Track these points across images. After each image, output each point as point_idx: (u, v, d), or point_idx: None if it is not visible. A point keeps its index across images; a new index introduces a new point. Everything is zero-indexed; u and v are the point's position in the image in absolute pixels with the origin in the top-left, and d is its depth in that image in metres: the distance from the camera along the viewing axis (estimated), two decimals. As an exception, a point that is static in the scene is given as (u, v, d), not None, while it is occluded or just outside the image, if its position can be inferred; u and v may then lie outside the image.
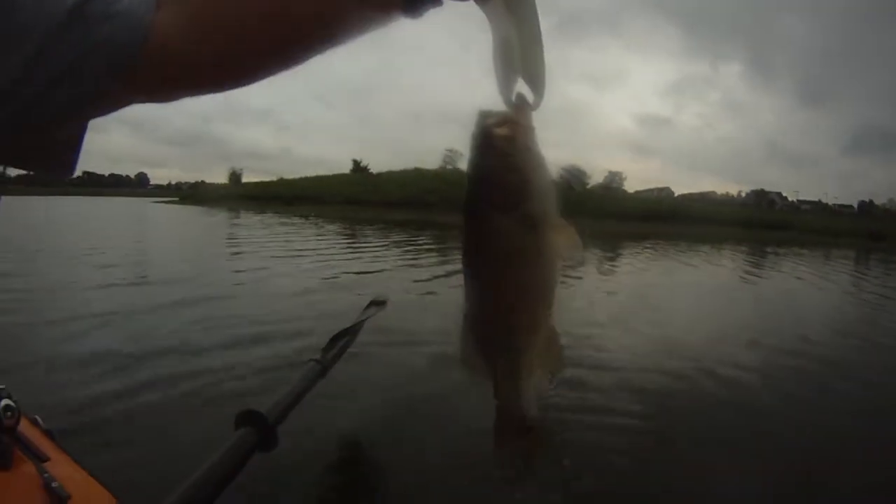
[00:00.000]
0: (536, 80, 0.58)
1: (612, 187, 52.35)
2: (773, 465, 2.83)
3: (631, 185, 57.92)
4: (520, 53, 0.57)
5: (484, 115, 0.55)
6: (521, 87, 0.58)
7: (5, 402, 1.24)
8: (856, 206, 65.54)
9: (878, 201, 65.23)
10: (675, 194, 67.71)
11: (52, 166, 0.54)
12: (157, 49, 0.49)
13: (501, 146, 0.53)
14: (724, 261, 17.05)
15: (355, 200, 33.09)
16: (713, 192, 76.05)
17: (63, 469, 1.28)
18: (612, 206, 34.38)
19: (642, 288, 9.44)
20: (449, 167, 42.86)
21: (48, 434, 1.42)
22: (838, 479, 2.71)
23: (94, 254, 9.50)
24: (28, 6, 0.45)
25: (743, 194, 74.47)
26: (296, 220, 21.93)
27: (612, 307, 6.78)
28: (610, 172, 57.36)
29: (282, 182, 53.02)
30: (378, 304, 2.94)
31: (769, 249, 23.48)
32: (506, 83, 0.57)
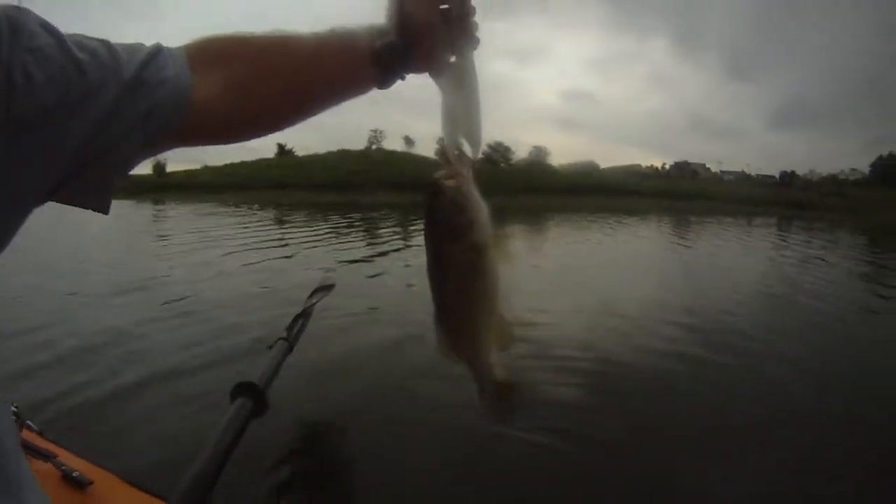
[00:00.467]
0: (475, 138, 0.73)
1: (536, 162, 52.53)
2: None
3: (556, 160, 58.11)
4: (462, 117, 0.73)
5: (437, 173, 0.69)
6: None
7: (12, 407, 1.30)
8: (778, 176, 67.30)
9: (800, 172, 66.80)
10: (601, 167, 67.89)
11: (89, 203, 0.58)
12: (200, 110, 0.59)
13: (450, 194, 0.67)
14: (649, 231, 17.72)
15: (282, 184, 32.45)
16: (638, 165, 76.34)
17: (72, 461, 1.42)
18: (538, 181, 34.89)
19: (572, 261, 9.86)
20: (374, 147, 42.60)
21: (42, 435, 1.54)
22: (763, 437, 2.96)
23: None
24: (107, 67, 0.52)
25: (667, 166, 75.29)
26: (224, 208, 21.13)
27: (542, 282, 6.99)
28: (535, 147, 57.53)
29: (207, 170, 50.53)
30: (325, 287, 3.17)
31: (693, 219, 24.45)
32: (451, 139, 0.72)
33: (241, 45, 0.67)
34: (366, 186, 34.95)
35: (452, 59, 0.75)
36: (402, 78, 0.76)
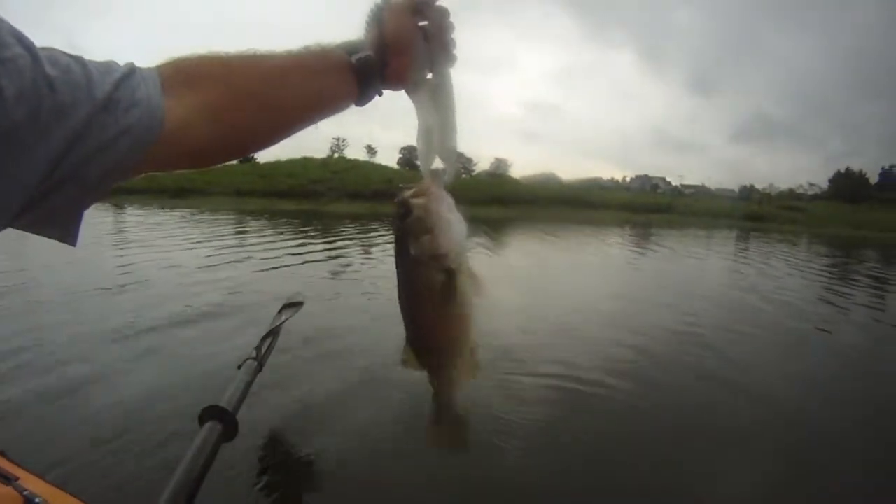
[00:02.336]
0: (449, 158, 0.74)
1: (497, 174, 52.87)
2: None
3: (517, 172, 58.62)
4: (438, 136, 0.73)
5: (405, 189, 0.69)
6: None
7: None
8: (737, 190, 68.49)
9: (760, 185, 68.33)
10: (562, 179, 68.36)
11: (55, 231, 0.57)
12: (173, 134, 0.58)
13: (418, 213, 0.66)
14: (611, 242, 18.01)
15: (244, 191, 31.98)
16: (600, 178, 77.49)
17: (35, 485, 1.34)
18: (499, 192, 35.08)
19: (533, 273, 10.07)
20: (336, 155, 42.31)
21: (4, 455, 1.47)
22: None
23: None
24: (79, 86, 0.51)
25: (628, 179, 76.98)
26: (186, 213, 20.69)
27: (509, 290, 7.16)
28: (496, 159, 58.44)
29: (167, 174, 48.15)
30: (294, 305, 3.17)
31: (653, 231, 24.89)
32: (426, 158, 0.73)
33: (214, 66, 0.66)
34: (327, 195, 34.67)
35: (429, 75, 0.75)
36: (380, 94, 0.77)
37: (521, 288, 7.60)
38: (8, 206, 0.48)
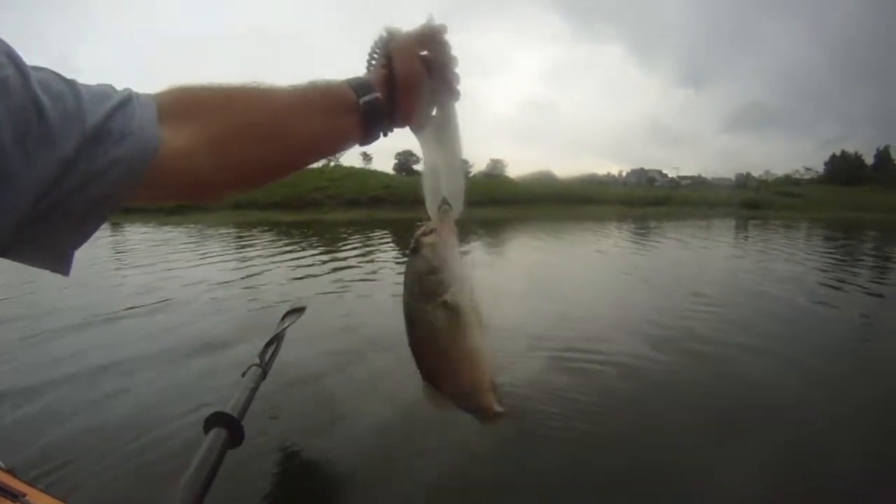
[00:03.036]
0: (456, 196, 0.72)
1: (494, 174, 52.74)
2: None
3: (513, 171, 58.47)
4: (444, 174, 0.72)
5: (417, 228, 0.69)
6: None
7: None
8: (734, 178, 67.71)
9: (756, 173, 67.39)
10: (559, 177, 68.40)
11: (48, 263, 0.55)
12: (166, 166, 0.56)
13: (426, 253, 0.67)
14: (610, 238, 17.90)
15: (242, 204, 31.92)
16: (596, 174, 77.26)
17: (44, 502, 1.39)
18: (496, 193, 35.06)
19: (536, 271, 10.06)
20: (333, 164, 42.34)
21: (11, 472, 1.50)
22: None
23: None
24: (70, 113, 0.49)
25: (624, 174, 76.33)
26: (185, 230, 20.66)
27: (514, 289, 7.19)
28: (492, 160, 58.18)
29: None
30: (297, 310, 3.16)
31: (652, 224, 24.85)
32: (431, 197, 0.71)
33: (214, 97, 0.64)
34: (326, 203, 34.70)
35: (433, 112, 0.74)
36: (386, 134, 0.74)
37: (525, 288, 7.58)
38: None
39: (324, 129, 0.69)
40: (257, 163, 0.66)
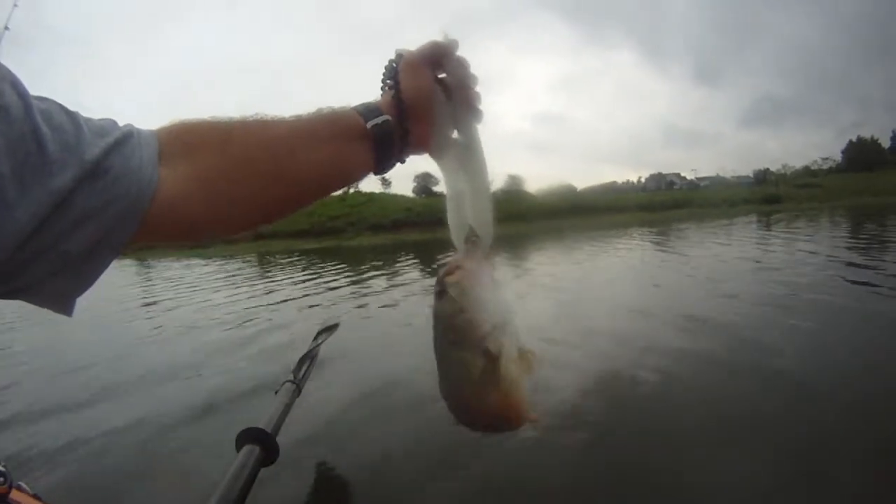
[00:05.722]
0: (484, 226, 0.65)
1: (513, 191, 52.93)
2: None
3: (532, 186, 58.73)
4: (469, 202, 0.65)
5: (441, 266, 0.62)
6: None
7: (-3, 467, 1.26)
8: (752, 175, 67.73)
9: (774, 168, 68.11)
10: (577, 188, 69.25)
11: (48, 304, 0.53)
12: (164, 208, 0.54)
13: (453, 293, 0.60)
14: (634, 244, 17.54)
15: (265, 234, 32.28)
16: (614, 182, 77.89)
17: None
18: (516, 209, 35.07)
19: (565, 283, 9.82)
20: (352, 191, 42.77)
21: (37, 498, 1.50)
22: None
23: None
24: (70, 147, 0.47)
25: (643, 179, 76.98)
26: (210, 262, 20.89)
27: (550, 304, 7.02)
28: (510, 176, 58.31)
29: None
30: (330, 328, 3.10)
31: (674, 227, 24.42)
32: (457, 228, 0.65)
33: (213, 133, 0.60)
34: (348, 230, 35.05)
35: (455, 135, 0.68)
36: (402, 161, 0.70)
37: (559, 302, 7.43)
38: None
39: (330, 160, 0.64)
40: (257, 200, 0.62)
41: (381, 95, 0.68)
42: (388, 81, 0.67)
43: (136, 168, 0.52)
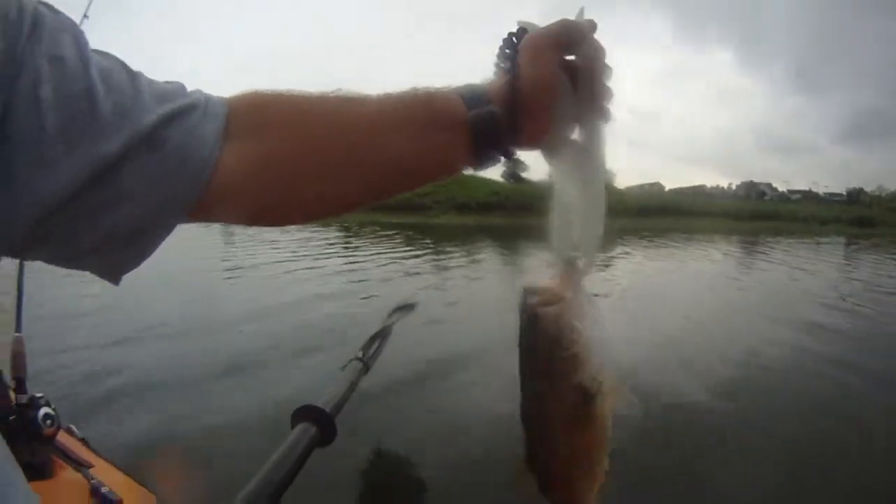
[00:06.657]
0: (591, 246, 0.56)
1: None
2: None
3: (622, 182, 58.02)
4: (580, 213, 0.56)
5: (530, 291, 0.54)
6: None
7: (45, 410, 1.24)
8: (845, 193, 65.47)
9: (868, 188, 65.68)
10: (666, 188, 67.94)
11: (100, 273, 0.50)
12: (225, 187, 0.49)
13: (547, 327, 0.53)
14: (718, 254, 17.34)
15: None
16: (704, 186, 76.44)
17: (108, 475, 1.34)
18: (608, 203, 34.63)
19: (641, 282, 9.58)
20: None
21: (84, 442, 1.47)
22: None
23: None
24: (126, 109, 0.44)
25: (734, 186, 75.45)
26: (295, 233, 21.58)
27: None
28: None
29: None
30: (406, 307, 3.01)
31: (763, 239, 24.18)
32: (560, 241, 0.56)
33: (287, 110, 0.54)
34: (434, 208, 35.25)
35: (574, 134, 0.57)
36: (508, 157, 0.58)
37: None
38: (16, 221, 0.41)
39: (419, 151, 0.55)
40: (328, 190, 0.55)
41: (494, 75, 0.57)
42: (503, 63, 0.56)
43: (197, 142, 0.48)
